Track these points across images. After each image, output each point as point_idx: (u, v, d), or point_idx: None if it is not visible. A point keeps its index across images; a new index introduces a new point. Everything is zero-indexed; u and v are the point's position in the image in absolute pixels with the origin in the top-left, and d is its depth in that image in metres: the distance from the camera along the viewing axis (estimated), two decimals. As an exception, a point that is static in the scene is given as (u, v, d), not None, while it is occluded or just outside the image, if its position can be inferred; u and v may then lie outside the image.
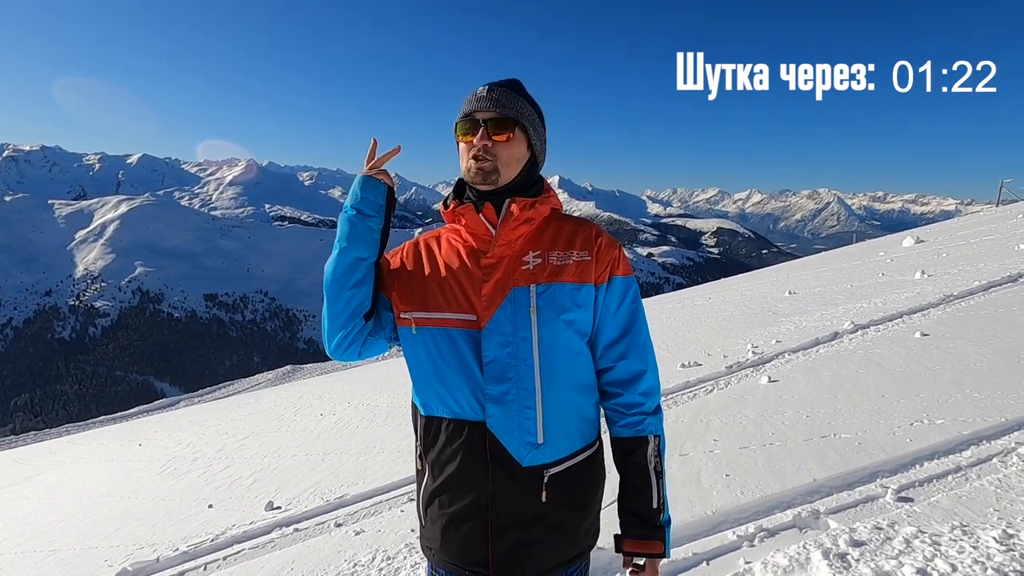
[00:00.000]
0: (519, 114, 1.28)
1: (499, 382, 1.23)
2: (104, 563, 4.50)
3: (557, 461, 1.27)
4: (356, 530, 3.93)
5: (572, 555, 1.32)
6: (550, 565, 1.29)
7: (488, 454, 1.24)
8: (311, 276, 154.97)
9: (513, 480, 1.24)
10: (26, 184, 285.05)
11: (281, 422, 9.48)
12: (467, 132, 1.28)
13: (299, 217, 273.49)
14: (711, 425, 4.33)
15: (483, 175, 1.27)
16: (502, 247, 1.28)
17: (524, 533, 1.26)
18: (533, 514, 1.26)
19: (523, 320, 1.23)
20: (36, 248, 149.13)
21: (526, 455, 1.24)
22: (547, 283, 1.25)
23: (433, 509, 1.32)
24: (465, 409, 1.26)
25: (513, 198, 1.29)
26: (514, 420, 1.23)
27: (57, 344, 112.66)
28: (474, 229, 1.29)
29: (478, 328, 1.24)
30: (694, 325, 9.53)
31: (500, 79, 1.34)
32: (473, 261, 1.29)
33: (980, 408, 3.72)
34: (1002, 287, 7.07)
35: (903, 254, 13.05)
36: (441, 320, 1.27)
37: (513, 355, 1.23)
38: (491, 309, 1.24)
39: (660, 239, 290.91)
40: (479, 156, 1.26)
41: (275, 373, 30.88)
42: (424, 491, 1.34)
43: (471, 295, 1.27)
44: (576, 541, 1.32)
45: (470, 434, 1.25)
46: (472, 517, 1.26)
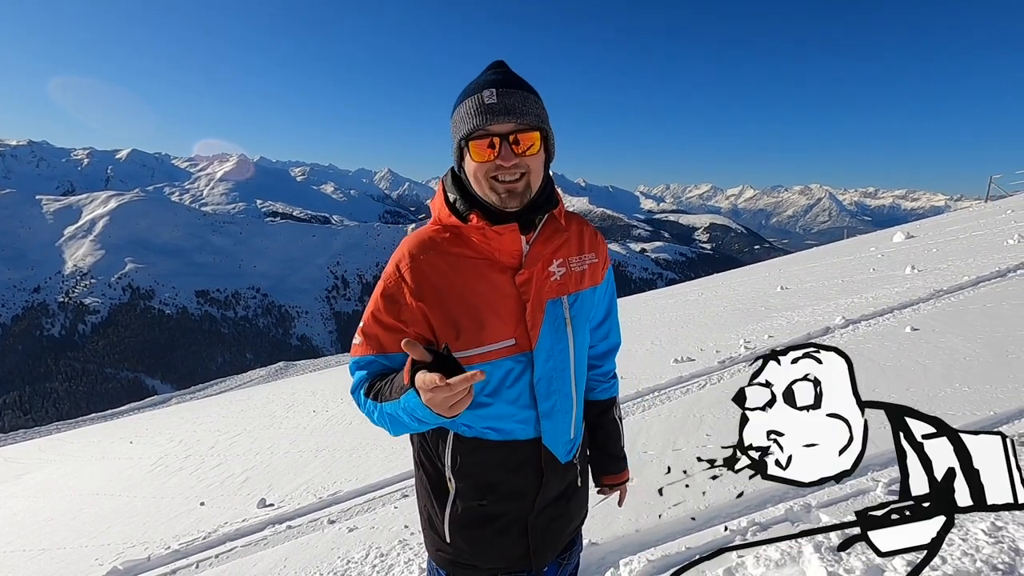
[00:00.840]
0: (540, 119, 1.14)
1: (547, 398, 1.24)
2: (95, 562, 4.46)
3: (579, 446, 1.39)
4: (349, 527, 3.91)
5: (583, 517, 1.47)
6: (571, 530, 1.41)
7: (542, 465, 1.28)
8: (303, 272, 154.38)
9: (558, 478, 1.32)
10: (13, 179, 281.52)
11: (273, 419, 9.44)
12: (483, 147, 1.10)
13: (291, 213, 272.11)
14: (704, 420, 4.35)
15: (518, 198, 1.13)
16: (535, 261, 1.20)
17: (555, 511, 1.34)
18: (565, 495, 1.35)
19: (560, 332, 1.23)
20: (24, 244, 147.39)
21: (566, 453, 1.32)
22: (576, 292, 1.27)
23: (472, 526, 1.26)
24: (519, 431, 1.25)
25: (549, 213, 1.23)
26: (560, 428, 1.28)
27: (46, 341, 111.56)
28: (509, 247, 1.17)
29: (527, 350, 1.19)
30: (687, 320, 9.56)
31: (494, 72, 1.14)
32: (501, 277, 1.18)
33: (969, 402, 3.75)
34: (991, 282, 7.13)
35: (893, 249, 13.15)
36: (486, 354, 1.17)
37: (555, 368, 1.24)
38: (536, 328, 1.19)
39: (653, 235, 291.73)
40: (508, 176, 1.10)
41: (268, 370, 30.77)
42: (453, 510, 1.27)
43: (510, 318, 1.17)
44: (585, 504, 1.48)
45: (522, 451, 1.26)
46: (516, 522, 1.29)
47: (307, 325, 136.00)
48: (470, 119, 1.10)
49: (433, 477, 1.31)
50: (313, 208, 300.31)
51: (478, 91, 1.10)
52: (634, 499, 3.17)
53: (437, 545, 1.32)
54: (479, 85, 1.12)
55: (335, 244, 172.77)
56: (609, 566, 2.57)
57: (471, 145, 1.11)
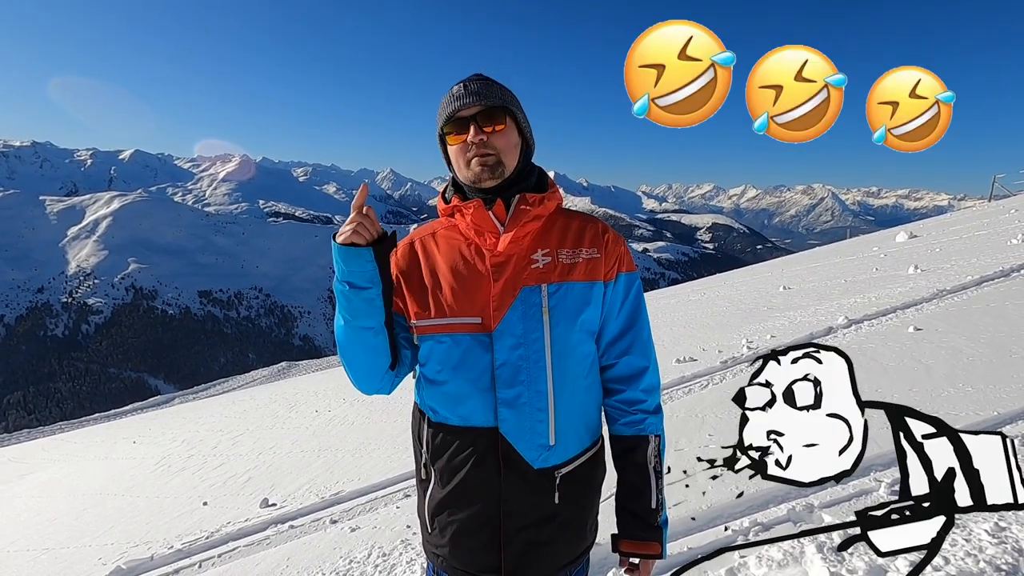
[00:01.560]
0: (504, 100, 1.23)
1: (511, 386, 1.20)
2: (98, 561, 4.48)
3: (567, 461, 1.26)
4: (352, 527, 3.92)
5: (579, 552, 1.32)
6: (561, 564, 1.29)
7: (500, 460, 1.22)
8: (306, 272, 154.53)
9: (526, 483, 1.23)
10: (17, 180, 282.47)
11: (276, 419, 9.46)
12: (457, 132, 1.21)
13: (294, 213, 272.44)
14: (706, 420, 4.34)
15: (489, 170, 1.20)
16: (511, 244, 1.22)
17: (536, 535, 1.25)
18: (545, 515, 1.25)
19: (535, 321, 1.20)
20: (27, 245, 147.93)
21: (538, 458, 1.22)
22: (559, 282, 1.22)
23: (442, 518, 1.28)
24: (477, 416, 1.23)
25: (523, 193, 1.25)
26: (526, 423, 1.21)
27: (50, 341, 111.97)
28: (480, 225, 1.23)
29: (488, 331, 1.20)
30: (689, 320, 9.55)
31: (466, 77, 1.27)
32: (479, 260, 1.24)
33: (973, 402, 3.74)
34: (995, 282, 7.11)
35: (896, 249, 13.12)
36: (447, 326, 1.22)
37: (524, 357, 1.20)
38: (501, 310, 1.20)
39: (655, 235, 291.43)
40: (480, 153, 1.20)
41: (270, 370, 30.85)
42: (430, 500, 1.30)
43: (478, 296, 1.21)
44: (583, 537, 1.33)
45: (482, 440, 1.23)
46: (484, 524, 1.24)
47: (309, 325, 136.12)
48: (444, 110, 1.24)
49: (419, 464, 1.35)
50: (315, 208, 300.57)
51: (450, 90, 1.25)
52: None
53: (424, 535, 1.36)
54: (452, 87, 1.26)
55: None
56: (611, 566, 2.57)
57: (444, 132, 1.25)
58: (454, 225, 1.29)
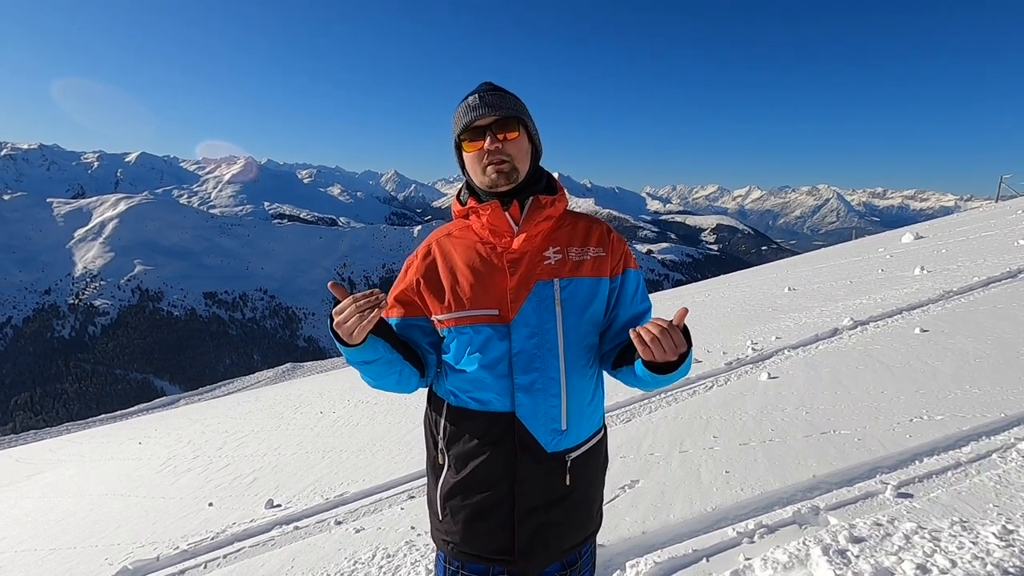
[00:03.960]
0: (516, 110, 1.32)
1: (526, 372, 1.29)
2: (104, 561, 4.50)
3: (577, 446, 1.36)
4: (356, 528, 3.92)
5: (586, 534, 1.42)
6: (570, 544, 1.38)
7: (517, 443, 1.31)
8: (310, 274, 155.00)
9: (539, 466, 1.32)
10: (24, 183, 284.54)
11: (281, 420, 9.48)
12: (473, 140, 1.30)
13: (298, 215, 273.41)
14: (711, 422, 4.33)
15: (504, 176, 1.30)
16: (525, 242, 1.32)
17: (546, 516, 1.34)
18: (556, 497, 1.34)
19: (548, 313, 1.31)
20: (35, 247, 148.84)
21: (551, 441, 1.32)
22: (570, 277, 1.33)
23: (454, 503, 1.36)
24: (495, 402, 1.31)
25: (536, 195, 1.35)
26: (541, 408, 1.30)
27: (57, 343, 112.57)
28: (496, 225, 1.32)
29: (505, 322, 1.30)
30: (694, 322, 9.52)
31: (479, 86, 1.36)
32: (495, 257, 1.34)
33: (980, 404, 3.72)
34: (1001, 283, 7.06)
35: (902, 250, 13.04)
36: (467, 318, 1.32)
37: (539, 346, 1.30)
38: (518, 303, 1.30)
39: (660, 236, 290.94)
40: (494, 160, 1.29)
41: (275, 371, 30.95)
42: (443, 486, 1.38)
43: (495, 290, 1.31)
44: (591, 519, 1.43)
45: (499, 425, 1.31)
46: (497, 507, 1.32)
47: (314, 327, 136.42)
48: (460, 120, 1.32)
49: (432, 452, 1.43)
50: (320, 210, 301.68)
51: (465, 99, 1.33)
52: (641, 501, 3.17)
53: (434, 523, 1.43)
54: (467, 96, 1.35)
55: (342, 246, 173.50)
56: (615, 568, 2.56)
57: (461, 140, 1.33)
58: (468, 226, 1.38)
